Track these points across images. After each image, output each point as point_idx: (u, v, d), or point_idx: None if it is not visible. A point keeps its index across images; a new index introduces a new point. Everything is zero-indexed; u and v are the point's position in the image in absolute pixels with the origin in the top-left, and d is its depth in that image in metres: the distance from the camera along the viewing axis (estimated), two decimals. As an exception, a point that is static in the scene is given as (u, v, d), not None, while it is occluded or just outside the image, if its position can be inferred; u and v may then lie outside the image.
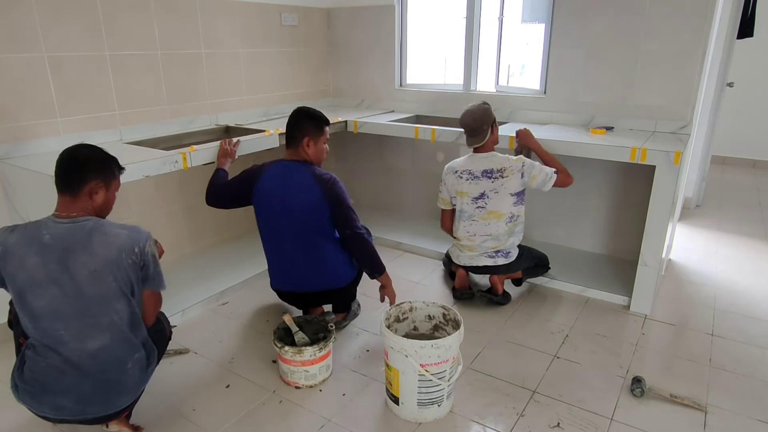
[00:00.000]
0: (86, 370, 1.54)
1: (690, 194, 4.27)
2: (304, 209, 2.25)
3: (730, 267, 3.20)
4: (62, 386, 1.54)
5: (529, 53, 3.36)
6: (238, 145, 2.62)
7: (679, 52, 2.71)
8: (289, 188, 2.26)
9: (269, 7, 3.36)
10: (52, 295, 1.49)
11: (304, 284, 2.40)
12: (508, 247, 2.64)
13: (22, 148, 2.33)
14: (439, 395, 1.87)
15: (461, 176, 2.59)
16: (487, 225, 2.59)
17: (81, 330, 1.52)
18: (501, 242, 2.62)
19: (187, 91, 2.98)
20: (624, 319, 2.60)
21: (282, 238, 2.33)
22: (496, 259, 2.63)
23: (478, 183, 2.55)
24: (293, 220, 2.27)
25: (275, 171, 2.31)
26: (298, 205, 2.25)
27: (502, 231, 2.59)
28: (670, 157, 2.37)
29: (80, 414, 1.58)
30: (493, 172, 2.53)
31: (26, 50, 2.28)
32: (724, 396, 2.04)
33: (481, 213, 2.58)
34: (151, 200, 2.93)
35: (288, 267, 2.38)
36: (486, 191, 2.55)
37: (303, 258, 2.33)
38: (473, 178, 2.56)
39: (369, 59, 3.78)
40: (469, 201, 2.59)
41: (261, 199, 2.32)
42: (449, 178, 2.65)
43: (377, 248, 2.40)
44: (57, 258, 1.48)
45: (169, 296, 2.70)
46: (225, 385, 2.11)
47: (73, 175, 1.56)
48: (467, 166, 2.59)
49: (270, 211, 2.31)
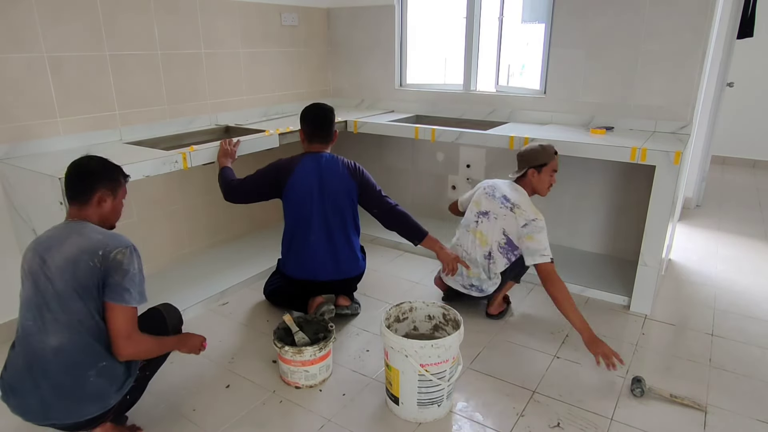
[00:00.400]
0: (47, 368, 1.52)
1: (690, 194, 4.27)
2: (339, 197, 2.45)
3: (730, 267, 3.20)
4: (26, 386, 1.54)
5: (529, 53, 3.36)
6: (238, 145, 2.63)
7: (679, 52, 2.71)
8: (327, 179, 2.43)
9: (269, 7, 3.36)
10: (28, 287, 1.55)
11: (323, 273, 2.50)
12: (481, 285, 2.51)
13: (22, 148, 2.33)
14: (439, 395, 1.87)
15: (485, 189, 2.52)
16: (473, 242, 2.50)
17: (45, 323, 1.51)
18: (475, 272, 2.49)
19: (187, 91, 2.98)
20: (624, 319, 2.60)
21: (313, 228, 2.45)
22: (471, 290, 2.53)
23: (491, 201, 2.46)
24: (328, 209, 2.45)
25: (309, 162, 2.45)
26: (334, 193, 2.44)
27: (479, 260, 2.47)
28: (670, 157, 2.37)
29: (45, 419, 1.55)
30: (508, 201, 2.42)
31: (26, 50, 2.28)
32: (724, 396, 2.04)
33: (475, 227, 2.50)
34: (151, 200, 2.93)
35: (314, 256, 2.48)
36: (490, 211, 2.46)
37: (330, 247, 2.48)
38: (490, 196, 2.48)
39: (369, 59, 3.78)
40: (474, 212, 2.52)
41: (297, 191, 2.43)
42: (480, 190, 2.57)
43: (377, 248, 2.41)
44: (41, 253, 1.54)
45: (170, 296, 2.71)
46: (225, 385, 2.11)
47: (81, 184, 1.63)
48: (497, 185, 2.51)
49: (306, 202, 2.43)
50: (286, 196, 2.46)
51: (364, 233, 3.58)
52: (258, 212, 3.62)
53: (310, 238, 2.47)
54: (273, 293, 2.70)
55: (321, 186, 2.43)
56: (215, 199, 3.28)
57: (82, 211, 1.62)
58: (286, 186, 2.43)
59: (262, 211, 3.64)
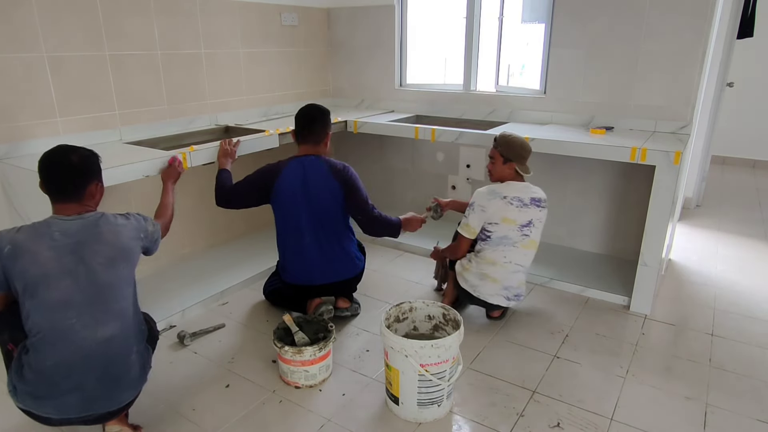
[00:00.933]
0: (94, 361, 1.57)
1: (690, 194, 4.27)
2: (325, 201, 2.41)
3: (730, 267, 3.20)
4: (69, 382, 1.55)
5: (529, 53, 3.36)
6: (238, 145, 2.63)
7: (679, 52, 2.71)
8: (310, 182, 2.39)
9: (269, 7, 3.36)
10: (65, 286, 1.54)
11: (320, 276, 2.48)
12: (522, 292, 2.54)
13: (22, 148, 2.33)
14: (439, 395, 1.87)
15: (511, 203, 2.37)
16: (525, 255, 2.44)
17: (93, 317, 1.56)
18: (522, 280, 2.50)
19: (187, 91, 2.98)
20: (624, 319, 2.60)
21: (303, 232, 2.43)
22: (510, 301, 2.50)
23: (528, 211, 2.39)
24: (315, 212, 2.41)
25: (294, 167, 2.40)
26: (319, 197, 2.40)
27: (530, 263, 2.49)
28: (670, 157, 2.37)
29: (85, 411, 1.59)
30: (540, 201, 2.42)
31: (26, 50, 2.28)
32: (724, 396, 2.04)
33: (524, 241, 2.41)
34: (151, 200, 2.91)
35: (307, 260, 2.46)
36: (533, 219, 2.40)
37: (322, 250, 2.45)
38: (523, 205, 2.38)
39: (369, 59, 3.78)
40: (516, 228, 2.38)
41: (283, 195, 2.39)
42: (494, 203, 2.38)
43: (377, 248, 2.41)
44: (71, 250, 1.55)
45: (170, 296, 2.71)
46: (225, 385, 2.11)
47: (71, 182, 1.61)
48: (515, 192, 2.40)
49: (293, 206, 2.40)
50: (274, 201, 2.43)
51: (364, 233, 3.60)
52: (257, 212, 3.60)
53: (301, 243, 2.43)
54: (272, 294, 2.70)
55: (305, 188, 2.38)
56: (215, 199, 3.29)
57: (75, 206, 1.62)
58: (272, 190, 2.39)
59: (261, 211, 3.63)
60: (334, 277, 2.49)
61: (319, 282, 2.48)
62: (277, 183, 2.38)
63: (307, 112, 2.46)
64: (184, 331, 2.41)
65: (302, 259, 2.46)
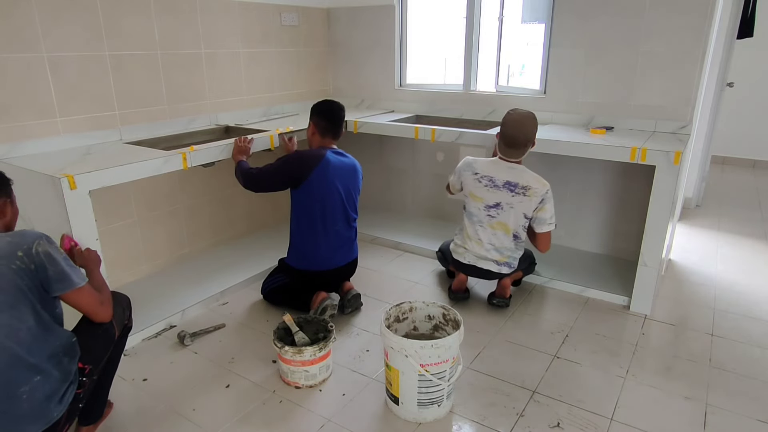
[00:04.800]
0: None
1: (690, 194, 4.27)
2: (357, 190, 2.63)
3: (730, 267, 3.20)
4: None
5: (529, 53, 3.36)
6: (252, 142, 2.68)
7: (679, 52, 2.71)
8: (348, 171, 2.57)
9: (269, 7, 3.36)
10: None
11: (341, 258, 2.62)
12: (512, 262, 2.63)
13: (22, 148, 2.33)
14: (439, 395, 1.87)
15: (480, 180, 2.50)
16: (494, 235, 2.55)
17: None
18: (504, 256, 2.59)
19: (187, 91, 2.98)
20: (624, 319, 2.60)
21: (336, 218, 2.55)
22: (501, 267, 2.61)
23: (497, 192, 2.47)
24: (346, 200, 2.56)
25: (332, 157, 2.53)
26: (354, 186, 2.60)
27: (507, 246, 2.56)
28: (670, 157, 2.37)
29: None
30: (516, 187, 2.44)
31: (26, 50, 2.28)
32: (724, 396, 2.04)
33: (491, 221, 2.53)
34: (151, 200, 2.93)
35: (334, 245, 2.57)
36: (502, 203, 2.47)
37: (347, 235, 2.61)
38: (492, 185, 2.47)
39: (369, 59, 3.78)
40: (481, 206, 2.52)
41: (322, 182, 2.48)
42: (466, 176, 2.57)
43: (377, 248, 2.43)
44: None
45: (170, 296, 2.71)
46: (225, 385, 2.11)
47: None
48: (490, 171, 2.49)
49: (331, 193, 2.50)
50: (307, 189, 2.48)
51: (364, 233, 3.60)
52: (258, 212, 3.62)
53: (335, 227, 2.55)
54: (275, 291, 2.69)
55: (345, 179, 2.54)
56: (215, 199, 3.28)
57: None
58: (309, 178, 2.46)
59: (261, 211, 3.64)
60: (350, 258, 2.67)
61: (340, 264, 2.62)
62: (316, 171, 2.46)
63: (336, 110, 2.62)
64: (184, 331, 2.41)
65: (331, 244, 2.56)
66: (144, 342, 2.40)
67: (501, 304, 2.64)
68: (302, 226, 2.56)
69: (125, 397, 2.03)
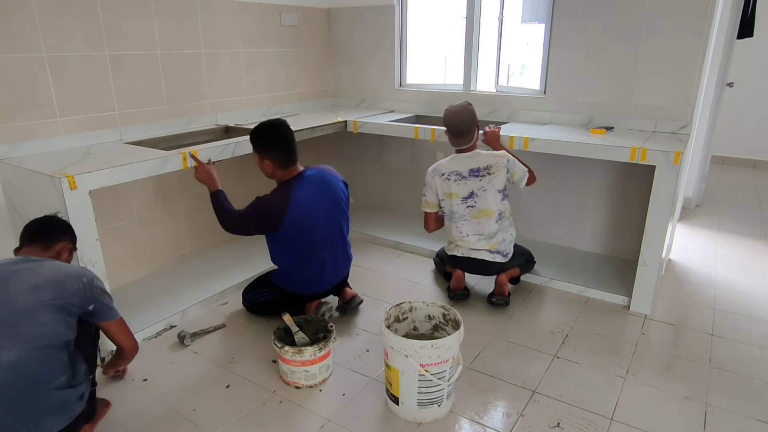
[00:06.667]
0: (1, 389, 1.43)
1: (690, 194, 4.27)
2: (337, 209, 2.45)
3: (730, 267, 3.20)
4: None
5: (529, 53, 3.36)
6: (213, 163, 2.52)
7: (679, 52, 2.71)
8: (323, 186, 2.40)
9: (269, 7, 3.36)
10: None
11: (339, 274, 2.56)
12: (504, 248, 2.66)
13: (22, 148, 2.33)
14: (439, 395, 1.87)
15: (449, 178, 2.61)
16: (479, 224, 2.62)
17: None
18: (493, 241, 2.63)
19: (187, 91, 2.98)
20: (624, 319, 2.60)
21: (318, 248, 2.40)
22: (495, 255, 2.66)
23: (467, 183, 2.58)
24: (331, 223, 2.42)
25: (301, 187, 2.32)
26: (337, 196, 2.44)
27: (493, 229, 2.62)
28: (670, 157, 2.37)
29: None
30: (479, 171, 2.57)
31: (26, 50, 2.28)
32: (724, 396, 2.04)
33: (472, 212, 2.61)
34: (151, 200, 2.93)
35: (323, 271, 2.46)
36: (474, 190, 2.58)
37: (333, 257, 2.48)
38: (461, 178, 2.59)
39: (369, 59, 3.78)
40: (459, 202, 2.61)
41: (298, 220, 2.30)
42: (437, 181, 2.66)
43: (377, 248, 2.42)
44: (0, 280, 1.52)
45: (169, 296, 2.72)
46: (225, 385, 2.11)
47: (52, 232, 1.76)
48: (453, 167, 2.61)
49: (311, 225, 2.34)
50: (285, 230, 2.31)
51: (364, 233, 3.60)
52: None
53: (321, 256, 2.41)
54: (260, 306, 2.57)
55: (321, 199, 2.37)
56: (215, 199, 3.28)
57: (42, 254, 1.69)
58: (284, 221, 2.28)
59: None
60: (346, 270, 2.61)
61: (331, 285, 2.54)
62: (288, 212, 2.27)
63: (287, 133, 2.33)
64: (184, 331, 2.41)
65: (318, 272, 2.44)
66: (144, 342, 2.40)
67: (500, 302, 2.64)
68: (286, 261, 2.44)
69: (125, 397, 2.03)
